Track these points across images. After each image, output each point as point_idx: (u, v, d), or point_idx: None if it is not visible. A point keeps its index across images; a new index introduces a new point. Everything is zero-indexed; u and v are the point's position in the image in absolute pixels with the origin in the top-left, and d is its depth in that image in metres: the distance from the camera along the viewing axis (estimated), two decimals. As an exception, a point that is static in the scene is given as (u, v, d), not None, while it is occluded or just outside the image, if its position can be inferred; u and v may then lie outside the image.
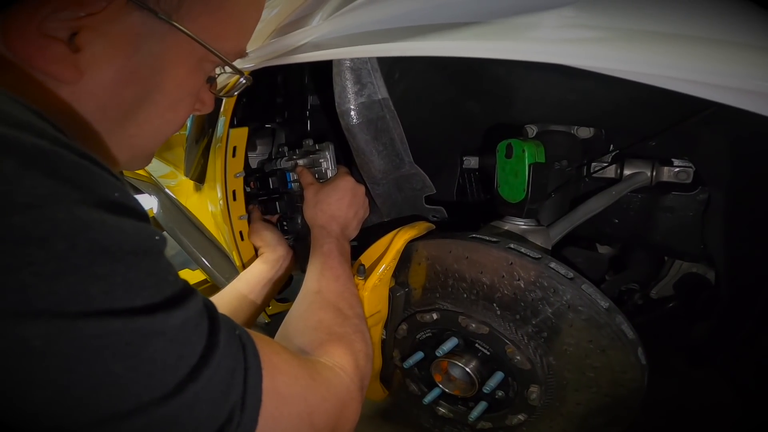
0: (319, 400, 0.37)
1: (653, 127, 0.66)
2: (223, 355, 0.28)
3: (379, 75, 0.59)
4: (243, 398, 0.29)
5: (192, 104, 0.43)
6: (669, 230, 0.74)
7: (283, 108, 0.95)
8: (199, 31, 0.37)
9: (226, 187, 0.84)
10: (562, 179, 0.74)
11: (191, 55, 0.39)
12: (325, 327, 0.50)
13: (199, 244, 1.24)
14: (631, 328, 0.52)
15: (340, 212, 0.69)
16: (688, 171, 0.69)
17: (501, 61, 0.67)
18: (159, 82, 0.38)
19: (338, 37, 0.51)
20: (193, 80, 0.41)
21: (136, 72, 0.36)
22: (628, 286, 0.83)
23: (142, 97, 0.38)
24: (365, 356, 0.49)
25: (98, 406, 0.23)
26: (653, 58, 0.33)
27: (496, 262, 0.55)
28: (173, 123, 0.42)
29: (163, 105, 0.39)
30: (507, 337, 0.58)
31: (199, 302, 0.29)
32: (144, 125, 0.39)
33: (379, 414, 1.08)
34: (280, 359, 0.35)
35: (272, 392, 0.32)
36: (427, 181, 0.67)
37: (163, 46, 0.36)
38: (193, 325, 0.28)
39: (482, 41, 0.38)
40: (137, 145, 0.41)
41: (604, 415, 0.58)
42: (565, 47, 0.35)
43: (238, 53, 0.44)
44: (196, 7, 0.37)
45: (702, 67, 0.32)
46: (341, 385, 0.42)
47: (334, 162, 0.78)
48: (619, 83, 0.54)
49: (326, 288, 0.57)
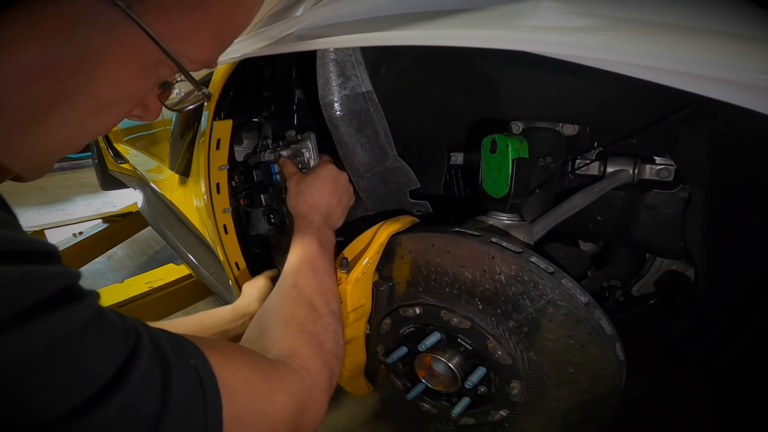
0: (281, 411, 0.38)
1: (636, 125, 0.67)
2: (178, 403, 0.29)
3: (363, 68, 0.58)
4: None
5: (126, 110, 0.36)
6: (650, 227, 0.74)
7: (270, 101, 0.94)
8: (162, 29, 0.31)
9: (210, 180, 0.83)
10: (546, 175, 0.74)
11: (144, 55, 0.32)
12: (297, 323, 0.50)
13: (184, 239, 1.22)
14: (610, 324, 0.52)
15: (323, 201, 0.69)
16: (670, 169, 0.70)
17: (488, 57, 0.68)
18: (87, 81, 0.31)
19: (322, 27, 0.51)
20: (138, 84, 0.34)
21: (58, 65, 0.29)
22: (610, 283, 0.84)
23: (58, 97, 0.30)
24: (334, 357, 0.49)
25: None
26: (633, 47, 0.33)
27: (478, 256, 0.55)
28: (94, 130, 0.34)
29: (87, 109, 0.32)
30: (488, 332, 0.58)
31: (145, 354, 0.28)
32: (55, 131, 0.31)
33: (366, 411, 1.07)
34: (237, 378, 0.36)
35: (233, 419, 0.33)
36: (411, 175, 0.67)
37: (106, 38, 0.30)
38: (143, 370, 0.27)
39: (464, 29, 0.37)
40: (40, 154, 0.33)
41: (584, 412, 0.58)
42: (544, 35, 0.35)
43: (205, 62, 0.36)
44: (168, 1, 0.31)
45: (687, 56, 0.32)
46: (304, 389, 0.42)
47: (316, 151, 0.77)
48: (602, 81, 0.54)
49: (302, 282, 0.57)
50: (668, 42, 0.32)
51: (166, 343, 0.31)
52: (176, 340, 0.33)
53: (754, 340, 0.65)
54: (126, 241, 2.09)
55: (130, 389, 0.26)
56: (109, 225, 1.95)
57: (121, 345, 0.27)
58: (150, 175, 1.54)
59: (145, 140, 1.56)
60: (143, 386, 0.27)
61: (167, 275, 1.31)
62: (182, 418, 0.29)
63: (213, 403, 0.32)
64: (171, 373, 0.29)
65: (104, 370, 0.26)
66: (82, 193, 3.63)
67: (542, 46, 0.34)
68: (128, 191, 1.83)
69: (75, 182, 4.03)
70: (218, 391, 0.32)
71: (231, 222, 0.90)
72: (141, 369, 0.27)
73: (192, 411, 0.30)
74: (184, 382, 0.30)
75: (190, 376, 0.31)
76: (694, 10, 0.34)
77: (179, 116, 1.12)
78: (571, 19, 0.34)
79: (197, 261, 1.17)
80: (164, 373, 0.29)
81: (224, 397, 0.33)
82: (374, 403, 1.09)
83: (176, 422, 0.28)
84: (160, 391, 0.28)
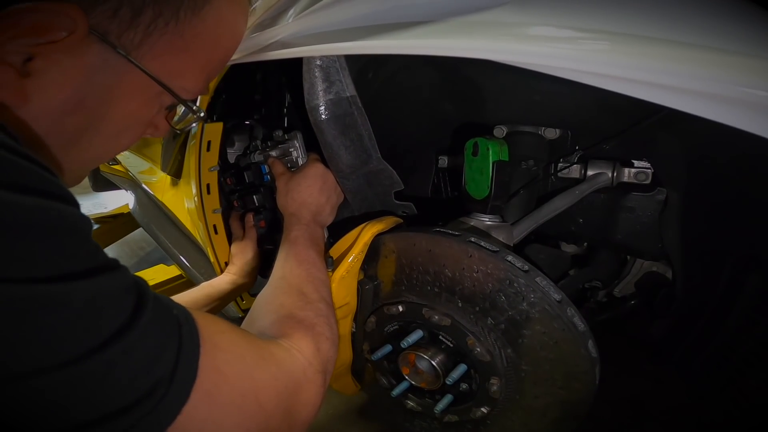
0: (269, 379, 0.37)
1: (615, 129, 0.69)
2: (148, 332, 0.29)
3: (347, 73, 0.60)
4: (172, 373, 0.29)
5: (140, 131, 0.45)
6: (629, 229, 0.76)
7: (261, 105, 0.96)
8: (159, 68, 0.39)
9: (200, 181, 0.85)
10: (528, 178, 0.76)
11: (147, 89, 0.40)
12: (286, 310, 0.50)
13: (175, 240, 1.23)
14: (583, 321, 0.54)
15: (311, 198, 0.70)
16: (647, 172, 0.72)
17: (472, 62, 0.70)
18: (106, 112, 0.39)
19: (306, 36, 0.52)
20: (145, 111, 0.43)
21: (83, 102, 0.37)
22: (592, 284, 0.86)
23: (87, 126, 0.39)
24: (327, 340, 0.48)
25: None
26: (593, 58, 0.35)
27: (457, 255, 0.57)
28: (114, 149, 0.44)
29: (107, 133, 0.41)
30: (468, 329, 0.59)
31: (122, 279, 0.29)
32: (84, 152, 0.40)
33: (353, 410, 1.08)
34: (224, 338, 0.35)
35: (211, 369, 0.32)
36: (395, 177, 0.69)
37: (117, 79, 0.38)
38: (107, 298, 0.28)
39: (438, 39, 0.39)
40: (76, 168, 0.42)
41: (561, 410, 0.60)
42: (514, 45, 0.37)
43: (199, 91, 0.45)
44: (160, 45, 0.39)
45: (640, 65, 0.34)
46: (295, 366, 0.41)
47: (304, 150, 0.79)
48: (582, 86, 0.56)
49: (290, 273, 0.57)
50: (637, 52, 0.34)
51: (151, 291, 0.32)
52: (161, 296, 0.33)
53: (730, 339, 0.67)
54: (117, 242, 2.10)
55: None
56: (100, 226, 1.95)
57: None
58: (142, 176, 1.55)
59: (138, 142, 1.56)
60: (113, 307, 0.27)
61: (158, 275, 1.31)
62: (147, 348, 0.28)
63: (189, 346, 0.31)
64: (144, 304, 0.29)
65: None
66: (74, 193, 3.61)
67: (506, 55, 0.36)
68: (120, 193, 1.83)
69: (68, 184, 4.01)
70: (197, 339, 0.32)
71: (221, 222, 0.91)
72: (114, 293, 0.28)
73: (162, 346, 0.29)
74: (158, 317, 0.30)
75: (167, 317, 0.31)
76: (662, 21, 0.36)
77: (171, 118, 1.14)
78: (536, 30, 0.36)
79: (188, 262, 1.18)
80: (138, 301, 0.29)
81: (205, 348, 0.32)
82: (362, 402, 1.10)
83: (139, 348, 0.28)
84: (131, 314, 0.28)
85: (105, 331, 0.27)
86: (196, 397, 0.30)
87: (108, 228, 1.98)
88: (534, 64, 0.36)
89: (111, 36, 0.36)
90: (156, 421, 0.28)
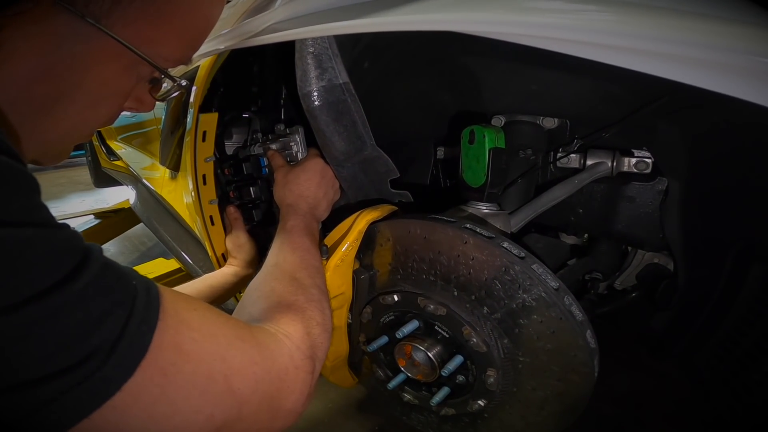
0: (245, 362, 0.34)
1: (613, 117, 0.68)
2: (85, 296, 0.26)
3: (340, 60, 0.59)
4: (114, 344, 0.27)
5: (119, 103, 0.43)
6: (630, 219, 0.75)
7: (258, 97, 0.96)
8: (132, 35, 0.38)
9: (196, 172, 0.84)
10: (527, 167, 0.75)
11: (121, 57, 0.39)
12: (276, 296, 0.48)
13: (174, 234, 1.23)
14: (581, 310, 0.53)
15: (309, 191, 0.70)
16: (647, 161, 0.71)
17: (469, 51, 0.69)
18: (79, 80, 0.38)
19: (296, 19, 0.52)
20: (122, 81, 0.41)
21: (52, 69, 0.36)
22: (593, 276, 0.84)
23: (58, 95, 0.38)
24: (318, 325, 0.46)
25: None
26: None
27: (452, 242, 0.56)
28: (93, 121, 0.42)
29: (83, 102, 0.40)
30: (464, 319, 0.58)
31: (62, 240, 0.27)
32: (60, 122, 0.39)
33: (351, 403, 1.08)
34: (194, 315, 0.33)
35: (171, 346, 0.30)
36: (390, 164, 0.68)
37: (87, 47, 0.37)
38: (35, 255, 0.25)
39: (427, 14, 0.38)
40: (49, 140, 0.41)
41: (559, 402, 0.59)
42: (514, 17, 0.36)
43: (179, 59, 0.44)
44: (131, 12, 0.38)
45: (665, 36, 0.31)
46: (281, 351, 0.38)
47: (304, 145, 0.79)
48: (579, 74, 0.55)
49: (283, 260, 0.57)
50: (647, 22, 0.32)
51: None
52: (122, 266, 0.31)
53: (733, 331, 0.66)
54: (118, 237, 2.10)
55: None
56: (101, 221, 1.96)
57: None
58: (142, 171, 1.55)
59: (138, 138, 1.57)
60: (41, 265, 0.25)
61: (157, 269, 1.31)
62: (82, 314, 0.26)
63: (142, 317, 0.29)
64: (85, 267, 0.27)
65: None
66: (75, 190, 3.64)
67: (511, 27, 0.35)
68: (121, 188, 1.84)
69: (68, 180, 4.04)
70: (156, 312, 0.30)
71: (217, 213, 0.91)
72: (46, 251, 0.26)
73: (105, 313, 0.27)
74: (104, 283, 0.28)
75: (119, 285, 0.29)
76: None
77: (169, 111, 1.14)
78: (542, 3, 0.35)
79: (187, 256, 1.18)
80: (78, 265, 0.27)
81: (167, 323, 0.30)
82: (360, 396, 1.09)
83: (72, 313, 0.26)
84: (65, 276, 0.26)
85: (25, 289, 0.24)
86: (145, 375, 0.28)
87: (109, 223, 1.99)
88: (540, 37, 0.34)
89: (78, 5, 0.36)
90: (86, 395, 0.26)
